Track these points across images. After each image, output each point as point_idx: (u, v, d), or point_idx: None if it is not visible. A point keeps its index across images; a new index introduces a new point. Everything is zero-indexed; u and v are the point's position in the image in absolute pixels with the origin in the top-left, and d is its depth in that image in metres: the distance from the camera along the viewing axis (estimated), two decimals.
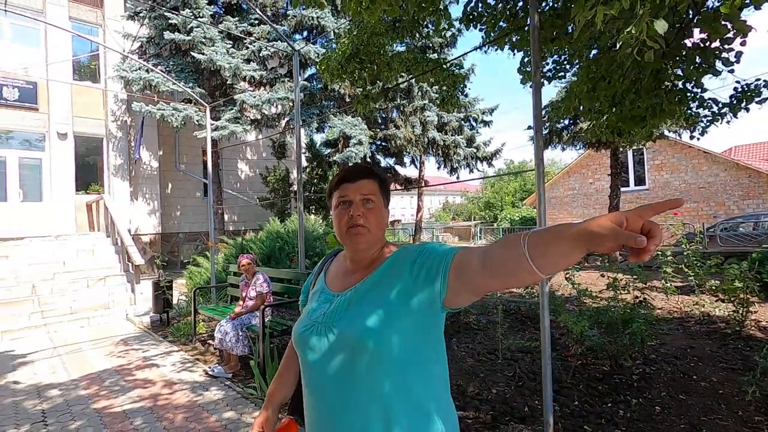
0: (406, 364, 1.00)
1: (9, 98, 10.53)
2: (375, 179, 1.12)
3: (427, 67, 3.72)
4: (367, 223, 1.07)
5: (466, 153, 12.52)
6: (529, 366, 4.27)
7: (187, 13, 10.12)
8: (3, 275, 7.53)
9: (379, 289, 1.03)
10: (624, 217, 0.69)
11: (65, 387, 4.15)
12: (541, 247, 0.80)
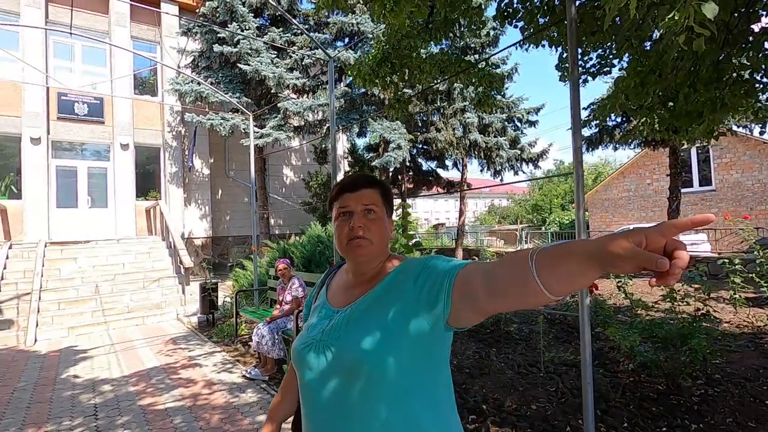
0: (409, 389, 0.93)
1: (80, 113, 11.52)
2: (377, 188, 1.07)
3: (459, 67, 3.60)
4: (368, 235, 1.02)
5: (510, 155, 12.10)
6: (573, 381, 4.00)
7: (235, 27, 10.59)
8: (72, 276, 8.21)
9: (380, 306, 0.97)
10: (644, 235, 0.62)
11: (117, 383, 4.42)
12: (551, 266, 0.72)
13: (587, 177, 31.12)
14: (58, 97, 11.14)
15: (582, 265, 0.68)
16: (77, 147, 11.74)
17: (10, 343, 6.17)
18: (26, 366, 5.14)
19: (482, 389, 3.95)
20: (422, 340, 0.93)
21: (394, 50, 3.54)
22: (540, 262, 0.73)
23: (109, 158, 11.96)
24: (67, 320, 6.94)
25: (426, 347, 0.94)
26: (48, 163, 10.86)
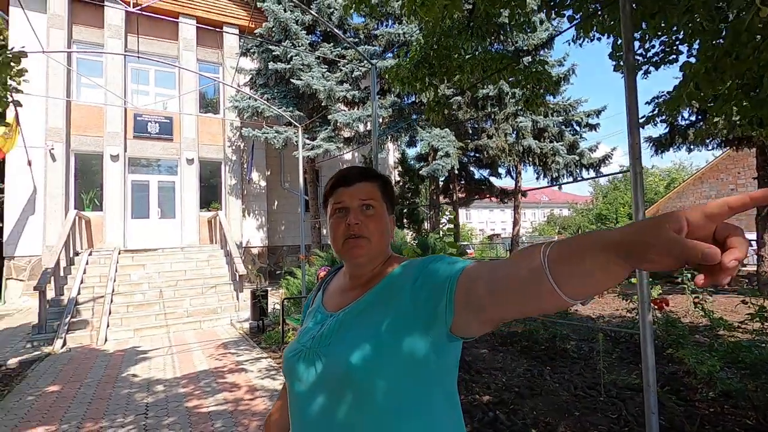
0: (401, 410, 0.81)
1: (152, 132, 12.55)
2: (375, 181, 0.97)
3: (501, 64, 3.40)
4: (366, 233, 0.92)
5: (567, 160, 11.39)
6: (639, 408, 3.55)
7: (288, 44, 11.05)
8: (140, 281, 8.86)
9: (374, 312, 0.87)
10: (684, 219, 0.47)
11: (169, 384, 4.61)
12: (567, 262, 0.58)
13: (658, 183, 28.65)
14: (134, 118, 12.24)
15: (604, 260, 0.53)
16: (150, 163, 12.78)
17: (84, 342, 6.72)
18: (94, 364, 5.54)
19: (533, 411, 3.62)
20: (419, 352, 0.81)
21: (433, 51, 3.43)
22: (553, 257, 0.59)
23: (176, 172, 12.89)
24: (134, 322, 7.46)
25: (423, 360, 0.82)
26: (125, 178, 11.90)
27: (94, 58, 12.08)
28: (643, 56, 3.36)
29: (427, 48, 3.42)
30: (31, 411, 3.96)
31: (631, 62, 2.20)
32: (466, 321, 0.77)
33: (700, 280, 0.48)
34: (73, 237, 9.51)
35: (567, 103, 11.96)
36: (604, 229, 0.63)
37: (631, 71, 2.22)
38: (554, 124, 11.49)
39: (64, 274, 8.50)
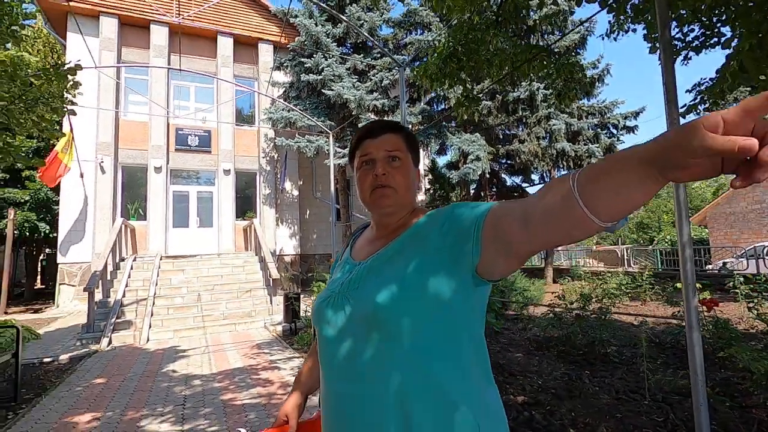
0: (429, 350, 0.82)
1: (192, 145, 13.17)
2: (400, 134, 0.99)
3: (530, 54, 3.36)
4: (393, 183, 0.94)
5: None
6: (688, 412, 3.33)
7: (319, 56, 11.38)
8: (179, 285, 9.21)
9: (401, 257, 0.88)
10: (719, 117, 0.45)
11: (206, 379, 4.74)
12: (596, 182, 0.57)
13: (705, 189, 27.12)
14: (176, 132, 12.89)
15: (636, 174, 0.52)
16: (190, 174, 13.38)
17: (128, 341, 7.03)
18: (136, 360, 5.79)
19: (570, 412, 3.47)
20: (445, 294, 0.82)
21: (461, 45, 3.45)
22: (582, 180, 0.58)
23: (214, 183, 13.41)
24: (174, 324, 7.74)
25: (449, 302, 0.83)
26: (167, 188, 12.50)
27: (141, 77, 12.87)
28: (681, 40, 3.24)
29: (455, 43, 3.45)
30: (79, 400, 4.17)
31: (667, 38, 2.13)
32: (493, 259, 0.78)
33: (736, 182, 0.47)
34: (119, 244, 10.04)
35: (602, 105, 11.58)
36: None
37: (667, 50, 2.15)
38: (589, 127, 11.14)
39: (111, 278, 8.96)
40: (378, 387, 0.82)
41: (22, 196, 13.19)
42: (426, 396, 0.80)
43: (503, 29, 3.64)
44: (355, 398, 0.84)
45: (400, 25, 12.26)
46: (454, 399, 0.81)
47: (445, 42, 3.54)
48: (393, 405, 0.80)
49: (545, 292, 9.96)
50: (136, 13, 12.36)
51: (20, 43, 4.80)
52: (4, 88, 4.40)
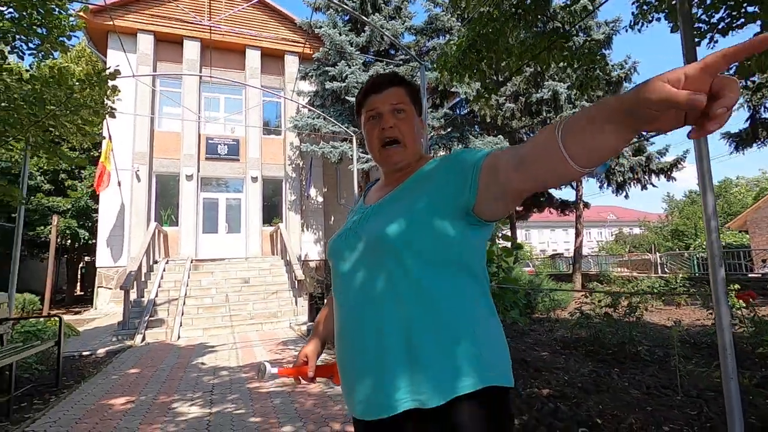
0: (433, 275, 0.87)
1: (221, 153, 13.65)
2: (403, 86, 1.03)
3: (549, 41, 3.36)
4: (400, 136, 0.99)
5: (632, 163, 10.68)
6: (723, 408, 3.19)
7: (343, 64, 11.65)
8: (209, 286, 9.49)
9: (408, 194, 0.94)
10: (681, 72, 0.50)
11: (232, 370, 4.87)
12: (577, 130, 0.63)
13: (745, 194, 25.83)
14: (206, 141, 13.41)
15: (613, 122, 0.58)
16: (219, 181, 13.85)
17: (160, 338, 7.29)
18: (168, 354, 6.00)
19: (598, 405, 3.38)
20: (446, 228, 0.88)
21: (480, 37, 3.50)
22: (567, 128, 0.64)
23: (242, 190, 13.82)
24: (203, 322, 7.98)
25: (455, 235, 0.88)
26: (197, 195, 12.96)
27: (174, 89, 13.49)
28: (706, 22, 3.18)
29: (474, 35, 3.51)
30: (115, 386, 4.37)
31: (686, 9, 2.12)
32: (487, 200, 0.84)
33: (692, 134, 0.52)
34: (153, 247, 10.46)
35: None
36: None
37: (687, 19, 2.14)
38: None
39: (145, 279, 9.34)
40: (385, 313, 0.86)
41: (64, 204, 13.96)
42: (429, 323, 0.84)
43: (522, 21, 3.67)
44: (364, 323, 0.89)
45: (422, 31, 12.43)
46: (456, 327, 0.85)
47: (464, 34, 3.60)
48: (398, 330, 0.84)
49: (573, 298, 9.72)
50: (170, 30, 13.03)
51: (67, 52, 5.17)
52: (52, 94, 4.74)
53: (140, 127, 12.40)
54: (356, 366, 0.90)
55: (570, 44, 3.60)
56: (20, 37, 4.64)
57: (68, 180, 14.49)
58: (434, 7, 12.02)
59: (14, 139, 4.99)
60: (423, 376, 0.81)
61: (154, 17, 12.86)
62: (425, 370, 0.81)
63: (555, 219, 39.06)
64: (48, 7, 4.49)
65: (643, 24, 4.42)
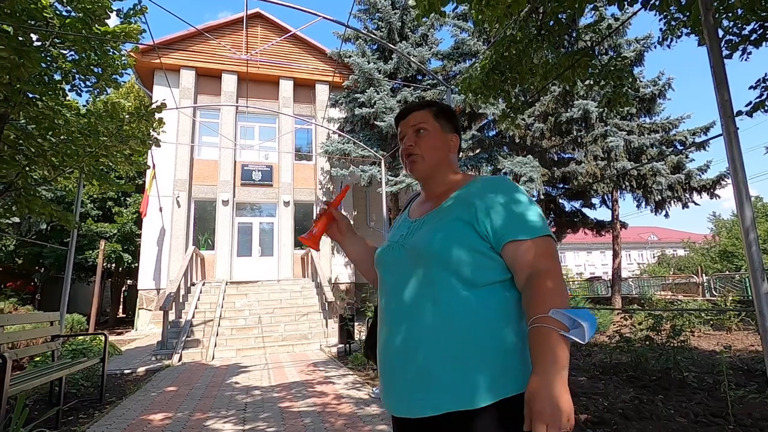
0: (476, 283, 0.93)
1: (256, 179, 14.18)
2: (427, 108, 1.15)
3: (573, 59, 3.39)
4: (418, 151, 1.11)
5: (671, 181, 10.25)
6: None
7: (372, 91, 12.01)
8: (242, 308, 9.72)
9: (450, 212, 1.02)
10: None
11: (265, 390, 4.94)
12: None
13: None
14: (241, 168, 14.00)
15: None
16: (253, 206, 14.34)
17: (196, 358, 7.49)
18: (203, 374, 6.15)
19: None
20: (479, 246, 0.94)
21: (503, 58, 3.57)
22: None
23: (274, 214, 14.24)
24: (237, 343, 8.14)
25: (483, 253, 0.94)
26: (233, 220, 13.45)
27: (213, 120, 14.27)
28: (737, 34, 3.13)
29: (498, 56, 3.59)
30: (154, 403, 4.51)
31: (712, 22, 2.12)
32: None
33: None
34: (190, 270, 10.86)
35: (666, 122, 10.98)
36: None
37: (712, 34, 2.14)
38: (652, 143, 10.54)
39: (183, 301, 9.67)
40: (426, 321, 0.92)
41: (111, 229, 14.80)
42: (454, 337, 0.90)
43: (546, 42, 3.73)
44: (407, 330, 0.95)
45: (449, 56, 12.68)
46: (497, 326, 0.90)
47: (488, 56, 3.69)
48: (435, 340, 0.90)
49: (612, 322, 9.28)
50: (210, 65, 13.91)
51: (119, 88, 5.63)
52: (105, 126, 5.15)
53: (181, 155, 13.13)
54: (398, 367, 0.95)
55: (594, 62, 3.61)
56: (79, 75, 5.11)
57: (115, 207, 15.40)
58: (461, 32, 12.28)
59: (71, 169, 5.41)
60: (456, 382, 0.87)
61: (196, 54, 13.78)
62: (460, 376, 0.87)
63: (591, 240, 37.65)
64: (104, 49, 4.94)
65: (673, 39, 4.39)
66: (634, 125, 10.89)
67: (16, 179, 4.79)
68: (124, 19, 5.28)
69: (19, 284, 15.08)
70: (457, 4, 2.91)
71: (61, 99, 4.98)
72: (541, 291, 0.84)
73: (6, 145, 4.67)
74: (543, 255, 0.88)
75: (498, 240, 0.92)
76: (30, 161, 4.78)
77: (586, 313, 0.79)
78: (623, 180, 10.58)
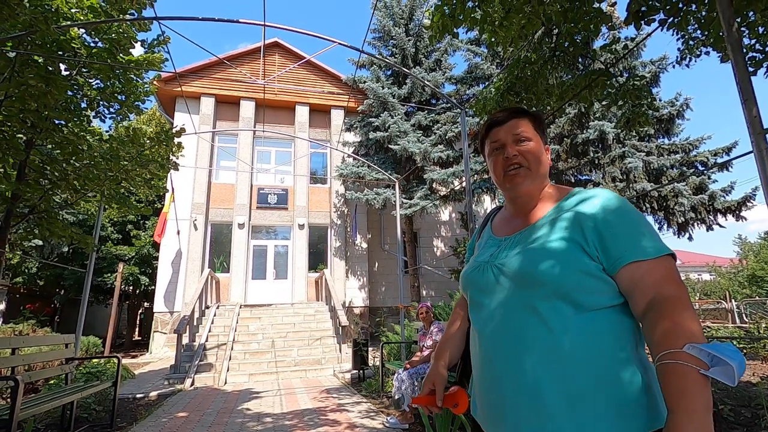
0: (587, 308, 0.83)
1: (271, 202, 14.33)
2: (527, 117, 1.04)
3: (589, 79, 3.34)
4: (525, 162, 0.98)
5: (694, 202, 9.95)
6: None
7: (386, 115, 12.16)
8: (255, 332, 9.64)
9: (547, 233, 0.91)
10: None
11: (277, 417, 4.80)
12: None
13: None
14: (257, 191, 14.18)
15: None
16: (268, 229, 14.44)
17: (208, 383, 7.39)
18: (215, 399, 6.04)
19: None
20: (589, 268, 0.84)
21: (518, 79, 3.56)
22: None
23: (289, 237, 14.29)
24: (249, 368, 8.03)
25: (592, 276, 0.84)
26: (248, 243, 13.53)
27: (230, 145, 14.60)
28: (761, 51, 3.06)
29: (512, 78, 3.58)
30: (163, 429, 4.42)
31: (735, 37, 2.06)
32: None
33: None
34: (205, 293, 10.89)
35: (686, 142, 10.76)
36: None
37: (736, 49, 2.08)
38: (672, 164, 10.31)
39: (197, 324, 9.65)
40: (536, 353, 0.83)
41: (129, 252, 15.05)
42: (589, 354, 0.80)
43: (561, 63, 3.71)
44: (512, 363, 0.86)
45: (462, 81, 12.82)
46: (619, 359, 0.81)
47: (502, 77, 3.68)
48: (554, 365, 0.81)
49: None
50: (229, 92, 14.36)
51: (141, 114, 5.82)
52: (126, 151, 5.29)
53: (199, 179, 13.39)
54: (507, 403, 0.86)
55: (612, 82, 3.56)
56: (103, 103, 5.29)
57: (133, 230, 15.70)
58: (474, 56, 12.44)
59: (93, 192, 5.54)
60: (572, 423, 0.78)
61: (216, 81, 14.25)
62: (579, 418, 0.78)
63: None
64: (128, 76, 5.11)
65: (691, 59, 4.32)
66: (653, 146, 10.71)
67: (39, 202, 4.91)
68: (148, 49, 5.50)
69: (37, 306, 15.32)
70: (469, 27, 2.92)
71: (86, 125, 5.15)
72: (671, 321, 0.73)
73: (31, 170, 4.81)
74: (667, 278, 0.78)
75: (613, 262, 0.82)
76: (53, 185, 4.91)
77: (730, 348, 0.68)
78: (643, 202, 10.33)
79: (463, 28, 2.95)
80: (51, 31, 3.75)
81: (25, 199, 4.81)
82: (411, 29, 13.92)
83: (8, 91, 3.92)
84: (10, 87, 3.85)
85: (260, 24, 4.69)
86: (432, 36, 2.93)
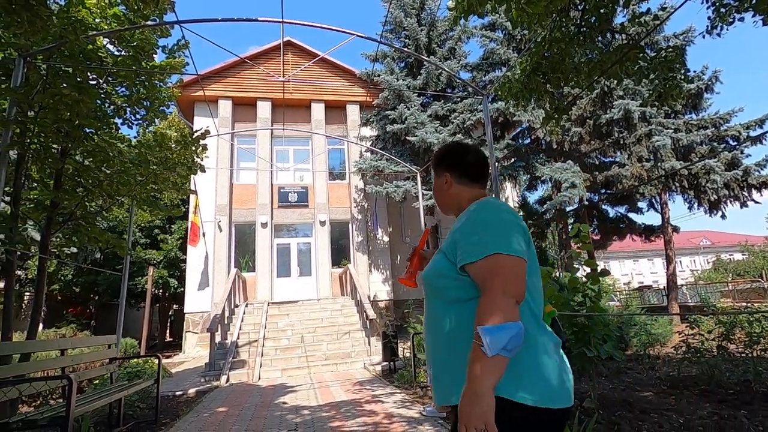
0: (453, 301, 1.08)
1: (292, 201, 14.47)
2: (432, 162, 1.34)
3: (620, 54, 3.23)
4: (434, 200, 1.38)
5: (727, 178, 9.56)
6: None
7: (402, 107, 12.10)
8: (284, 328, 9.79)
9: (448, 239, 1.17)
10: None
11: (314, 410, 4.88)
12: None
13: None
14: (278, 191, 14.34)
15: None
16: (290, 227, 14.60)
17: (243, 379, 7.56)
18: (251, 394, 6.18)
19: None
20: (450, 272, 1.08)
21: (544, 59, 3.48)
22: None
23: (311, 234, 14.42)
24: (281, 363, 8.17)
25: (458, 273, 1.06)
26: (272, 242, 13.72)
27: (249, 146, 14.79)
28: None
29: (538, 57, 3.49)
30: (207, 424, 4.55)
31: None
32: None
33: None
34: (233, 292, 11.11)
35: (716, 117, 10.34)
36: None
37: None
38: (702, 140, 9.91)
39: (227, 322, 9.86)
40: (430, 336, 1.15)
41: (157, 256, 15.46)
42: (444, 347, 1.09)
43: (588, 39, 3.61)
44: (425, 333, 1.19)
45: (478, 67, 12.63)
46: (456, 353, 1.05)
47: (526, 59, 3.60)
48: (437, 350, 1.11)
49: (674, 332, 8.65)
50: (245, 94, 14.52)
51: (165, 119, 5.94)
52: (154, 155, 5.41)
53: (221, 181, 13.62)
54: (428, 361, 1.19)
55: (643, 55, 3.45)
56: (130, 109, 5.42)
57: (160, 234, 16.10)
58: (489, 42, 12.23)
59: (123, 197, 5.69)
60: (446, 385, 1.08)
61: (232, 84, 14.44)
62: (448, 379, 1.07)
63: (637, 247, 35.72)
64: (152, 82, 5.22)
65: (722, 27, 4.15)
66: (680, 122, 10.33)
67: (76, 209, 5.08)
68: (169, 54, 5.60)
69: (78, 310, 15.94)
70: (495, 4, 2.86)
71: (114, 132, 5.29)
72: (479, 309, 0.96)
73: (66, 178, 4.98)
74: (488, 273, 0.98)
75: (459, 264, 1.04)
76: (88, 192, 5.07)
77: (502, 328, 0.90)
78: (672, 181, 10.00)
79: (489, 5, 2.90)
80: (80, 41, 3.85)
81: (63, 207, 4.98)
82: (423, 19, 13.77)
83: (43, 102, 4.06)
84: (44, 98, 3.98)
85: (278, 21, 4.71)
86: (456, 18, 2.88)
